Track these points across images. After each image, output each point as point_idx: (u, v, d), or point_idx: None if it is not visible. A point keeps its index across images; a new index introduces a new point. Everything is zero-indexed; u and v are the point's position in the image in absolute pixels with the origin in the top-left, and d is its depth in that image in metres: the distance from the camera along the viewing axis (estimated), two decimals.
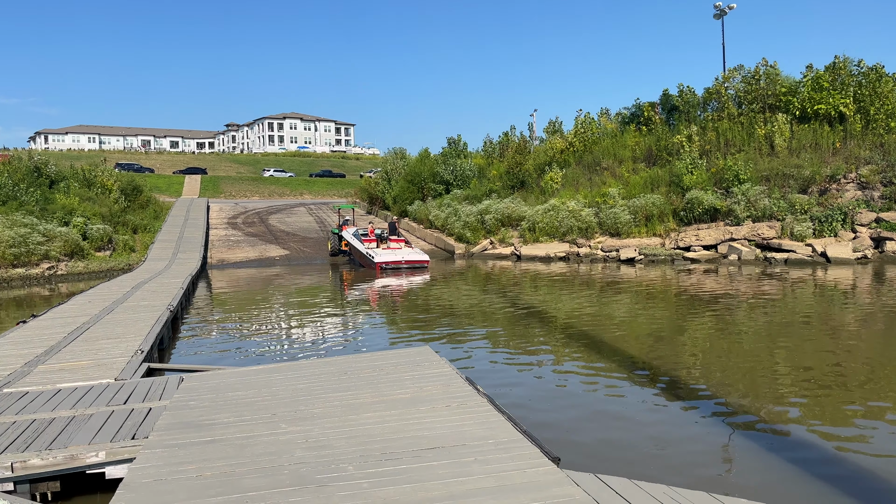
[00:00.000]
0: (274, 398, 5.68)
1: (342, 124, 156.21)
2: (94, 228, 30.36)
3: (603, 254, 28.30)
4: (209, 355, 10.43)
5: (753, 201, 26.35)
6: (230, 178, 78.82)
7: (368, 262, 26.86)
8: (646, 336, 12.19)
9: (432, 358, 6.91)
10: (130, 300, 14.39)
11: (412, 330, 13.14)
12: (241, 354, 10.44)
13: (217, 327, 13.55)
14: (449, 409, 5.04)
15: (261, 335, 12.37)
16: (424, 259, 27.04)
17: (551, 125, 43.45)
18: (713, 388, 8.33)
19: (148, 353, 8.45)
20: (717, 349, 10.97)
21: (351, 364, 6.91)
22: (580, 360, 10.10)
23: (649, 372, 9.28)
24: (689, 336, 12.22)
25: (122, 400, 5.92)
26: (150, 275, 22.24)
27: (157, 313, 11.89)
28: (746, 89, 32.06)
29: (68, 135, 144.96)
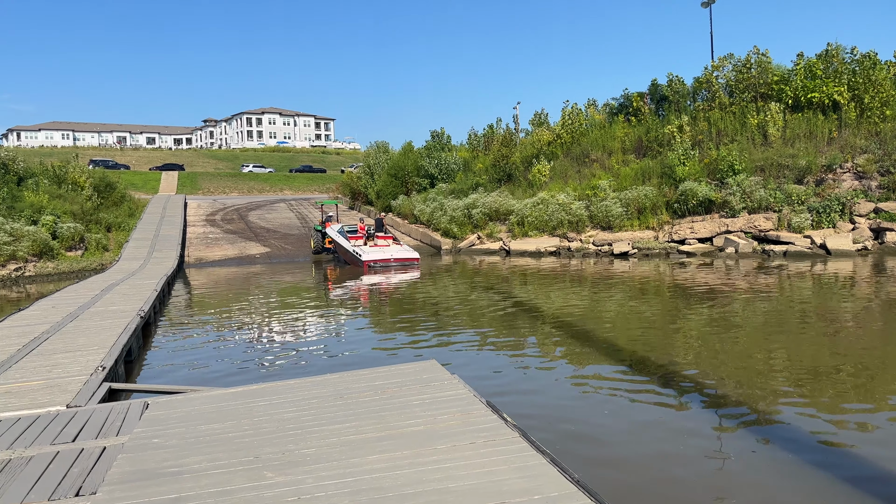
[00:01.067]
0: (256, 433, 4.67)
1: (322, 119, 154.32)
2: (65, 227, 28.99)
3: (595, 248, 27.47)
4: (182, 369, 9.34)
5: (749, 192, 25.64)
6: (208, 175, 77.12)
7: (355, 261, 25.69)
8: (667, 336, 11.32)
9: (441, 375, 5.94)
10: (99, 304, 13.25)
11: (406, 333, 12.16)
12: (218, 368, 9.36)
13: (193, 334, 12.45)
14: (474, 447, 4.08)
15: (241, 344, 11.29)
16: (414, 256, 25.94)
17: (537, 117, 42.53)
18: (738, 394, 7.48)
19: (111, 370, 7.39)
20: (731, 350, 10.12)
21: (347, 384, 5.91)
22: (580, 362, 9.20)
23: (676, 377, 8.40)
24: (704, 333, 11.37)
25: (72, 435, 4.89)
26: (123, 275, 21.03)
27: (127, 320, 10.80)
28: (738, 78, 31.36)
29: (41, 131, 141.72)
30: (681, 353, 10.00)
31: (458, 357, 10.03)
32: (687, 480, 5.38)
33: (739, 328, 11.84)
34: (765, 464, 5.66)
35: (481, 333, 12.08)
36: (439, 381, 5.69)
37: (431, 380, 5.76)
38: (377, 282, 21.73)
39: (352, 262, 26.00)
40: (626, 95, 36.69)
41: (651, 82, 35.69)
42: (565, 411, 7.06)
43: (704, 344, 10.72)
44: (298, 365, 9.46)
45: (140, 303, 13.16)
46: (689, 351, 10.24)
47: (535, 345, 11.03)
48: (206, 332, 12.56)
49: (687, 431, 6.47)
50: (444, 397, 5.20)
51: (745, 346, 10.39)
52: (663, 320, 13.07)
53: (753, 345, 10.44)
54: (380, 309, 16.22)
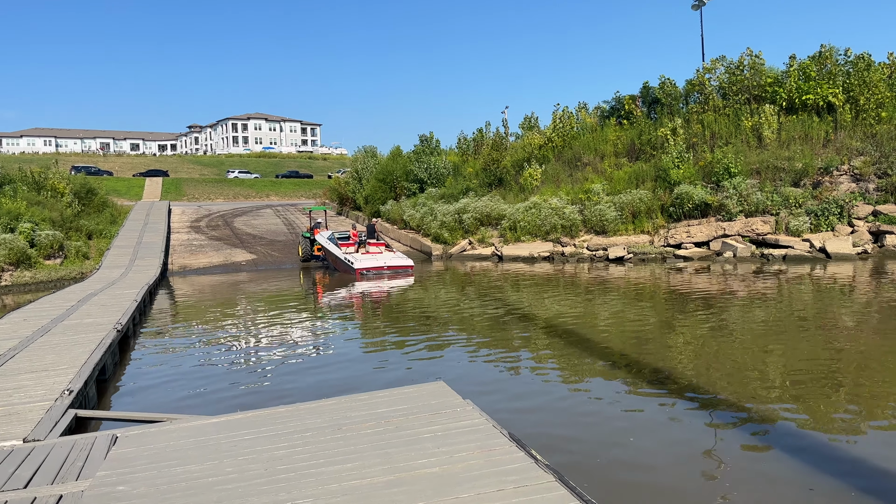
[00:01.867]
0: (241, 476, 3.96)
1: (308, 124, 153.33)
2: (43, 235, 28.01)
3: (589, 253, 26.90)
4: (161, 389, 8.54)
5: (746, 195, 25.19)
6: (193, 181, 76.08)
7: (346, 268, 24.79)
8: (674, 344, 10.70)
9: (452, 400, 5.25)
10: (73, 317, 12.46)
11: (403, 346, 11.47)
12: (200, 389, 8.54)
13: (174, 349, 11.66)
14: (503, 495, 3.41)
15: (225, 361, 10.47)
16: (408, 264, 25.00)
17: (527, 120, 41.94)
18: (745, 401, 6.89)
19: (79, 394, 6.65)
20: (729, 356, 9.52)
21: (345, 412, 5.21)
22: (584, 375, 8.57)
23: (686, 388, 7.78)
24: (710, 342, 10.76)
25: (25, 479, 4.17)
26: (102, 285, 20.18)
27: (102, 334, 10.04)
28: (731, 80, 30.98)
29: (23, 138, 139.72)
30: (711, 369, 9.39)
31: (461, 371, 9.37)
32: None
33: (737, 334, 11.59)
34: (761, 472, 5.64)
35: (480, 344, 11.42)
36: (451, 408, 5.01)
37: (441, 406, 5.09)
38: (368, 289, 21.01)
39: (343, 269, 25.18)
40: (618, 98, 36.24)
41: (642, 85, 35.29)
42: (580, 431, 6.44)
43: (723, 354, 10.12)
44: (289, 385, 8.71)
45: (118, 314, 12.38)
46: (717, 364, 9.64)
47: (537, 357, 10.38)
48: (188, 347, 11.78)
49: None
50: (459, 428, 4.53)
51: (743, 352, 10.14)
52: (672, 327, 12.47)
53: (751, 351, 10.18)
54: (373, 319, 15.50)
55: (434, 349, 11.06)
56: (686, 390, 8.06)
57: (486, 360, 10.25)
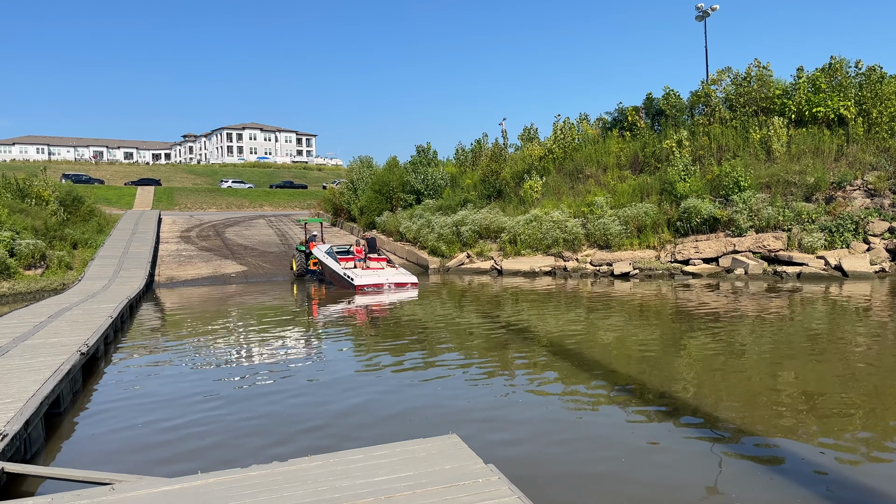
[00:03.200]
0: None
1: (303, 135, 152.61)
2: (24, 244, 26.85)
3: (593, 268, 25.90)
4: (118, 436, 7.26)
5: (756, 210, 24.26)
6: (186, 190, 75.05)
7: (345, 284, 23.49)
8: (681, 365, 9.66)
9: (472, 466, 4.16)
10: (38, 335, 11.34)
11: (402, 370, 10.40)
12: (167, 434, 7.21)
13: (145, 376, 10.48)
14: None
15: (201, 391, 9.20)
16: (412, 281, 23.58)
17: (526, 132, 41.08)
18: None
19: (14, 439, 5.56)
20: (736, 377, 8.49)
21: (335, 479, 4.11)
22: (600, 407, 7.53)
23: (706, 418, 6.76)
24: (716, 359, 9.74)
25: None
26: (81, 297, 19.05)
27: (62, 358, 8.93)
28: (738, 91, 30.16)
29: (15, 145, 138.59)
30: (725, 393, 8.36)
31: (469, 403, 8.31)
32: None
33: (747, 355, 11.09)
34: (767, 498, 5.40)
35: (485, 369, 10.36)
36: (470, 478, 3.94)
37: (458, 474, 4.01)
38: (365, 304, 19.89)
39: (342, 285, 23.86)
40: (621, 110, 35.39)
41: (646, 96, 34.44)
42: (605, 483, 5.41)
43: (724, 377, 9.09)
44: (271, 426, 7.55)
45: (87, 333, 11.27)
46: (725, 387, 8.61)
47: (541, 384, 9.33)
48: (162, 373, 10.58)
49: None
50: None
51: (752, 374, 9.69)
52: (681, 347, 11.43)
53: (760, 373, 9.75)
54: (370, 339, 14.37)
55: (437, 376, 10.00)
56: (691, 415, 7.70)
57: (491, 389, 9.20)
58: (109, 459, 6.58)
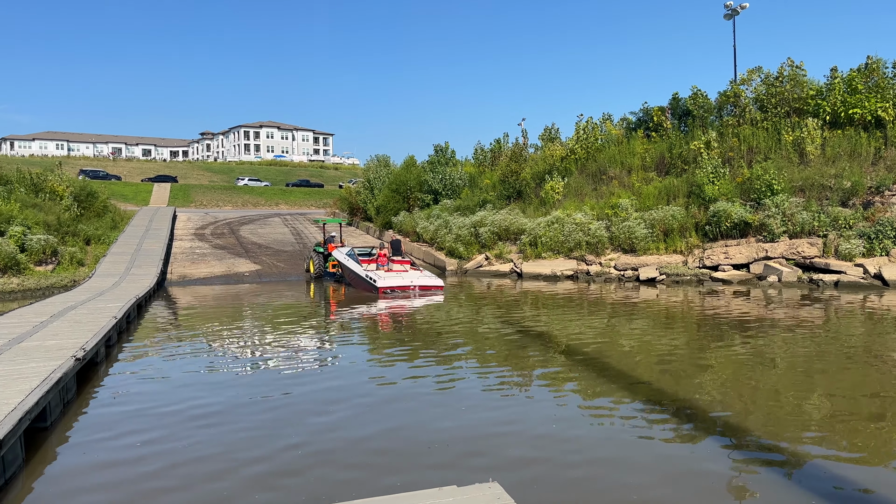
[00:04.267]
0: None
1: (321, 134, 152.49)
2: (35, 239, 26.36)
3: (617, 272, 24.98)
4: (111, 458, 6.45)
5: (789, 215, 23.22)
6: (202, 187, 74.84)
7: (367, 287, 22.40)
8: (709, 374, 8.79)
9: None
10: (36, 337, 10.66)
11: (424, 384, 9.60)
12: (159, 463, 6.35)
13: (144, 386, 9.60)
14: None
15: (202, 408, 8.17)
16: (438, 284, 22.25)
17: (547, 131, 40.26)
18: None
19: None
20: (764, 388, 7.59)
21: None
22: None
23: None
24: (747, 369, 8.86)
25: None
26: (88, 295, 18.44)
27: (55, 364, 8.23)
28: (769, 92, 29.08)
29: (35, 141, 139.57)
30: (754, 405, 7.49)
31: (500, 427, 7.50)
32: None
33: (776, 366, 10.57)
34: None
35: (515, 383, 9.54)
36: None
37: None
38: (384, 308, 19.09)
39: (363, 288, 22.83)
40: (646, 110, 34.43)
41: (672, 96, 33.45)
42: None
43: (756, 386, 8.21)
44: (279, 460, 6.56)
45: (87, 336, 10.57)
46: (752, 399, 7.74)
47: (586, 398, 8.49)
48: (164, 384, 9.68)
49: None
50: None
51: (781, 386, 9.28)
52: (711, 356, 10.54)
53: (790, 386, 9.33)
54: (388, 353, 13.55)
55: (466, 397, 9.18)
56: (717, 427, 7.42)
57: (527, 413, 8.39)
58: (95, 486, 5.84)
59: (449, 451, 6.74)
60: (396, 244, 24.69)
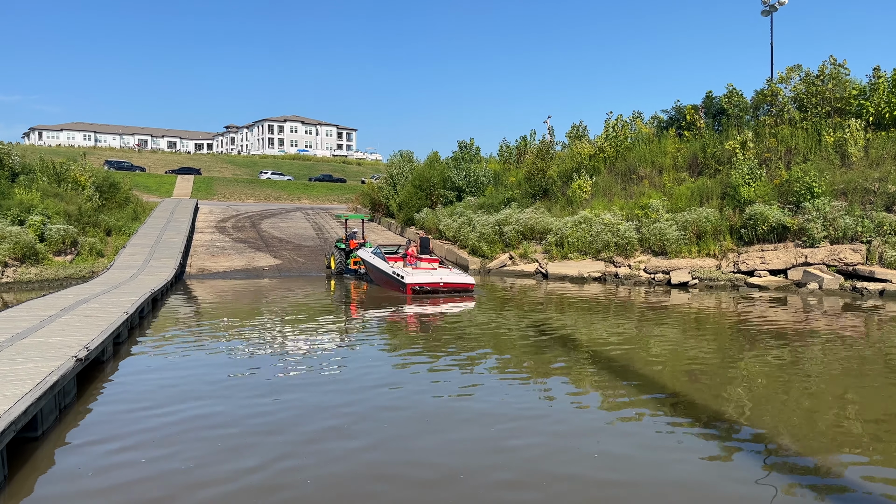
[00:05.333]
0: None
1: (344, 129, 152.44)
2: (55, 229, 26.10)
3: (647, 275, 24.09)
4: (105, 479, 5.74)
5: (831, 219, 22.17)
6: (225, 180, 74.82)
7: (394, 285, 21.34)
8: (742, 385, 7.98)
9: None
10: (41, 333, 10.13)
11: (451, 398, 8.91)
12: (166, 487, 5.64)
13: (152, 389, 8.82)
14: None
15: (217, 418, 7.48)
16: (469, 282, 20.96)
17: (574, 129, 39.35)
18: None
19: None
20: (799, 401, 6.77)
21: None
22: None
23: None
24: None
25: None
26: (104, 287, 18.01)
27: (53, 365, 7.65)
28: (809, 91, 27.93)
29: (63, 131, 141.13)
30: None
31: (558, 481, 6.78)
32: None
33: (812, 377, 10.00)
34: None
35: (547, 397, 8.81)
36: None
37: None
38: (407, 308, 18.41)
39: (390, 286, 21.79)
40: (678, 108, 33.38)
41: (705, 94, 32.35)
42: None
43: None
44: (298, 488, 5.79)
45: (93, 333, 10.02)
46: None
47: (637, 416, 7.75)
48: (172, 388, 8.79)
49: None
50: None
51: (816, 398, 8.79)
52: (745, 365, 9.71)
53: (825, 398, 8.82)
54: (411, 357, 12.90)
55: (484, 403, 8.47)
56: (744, 438, 7.08)
57: (578, 447, 7.66)
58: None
59: (474, 471, 6.05)
60: (425, 242, 23.79)
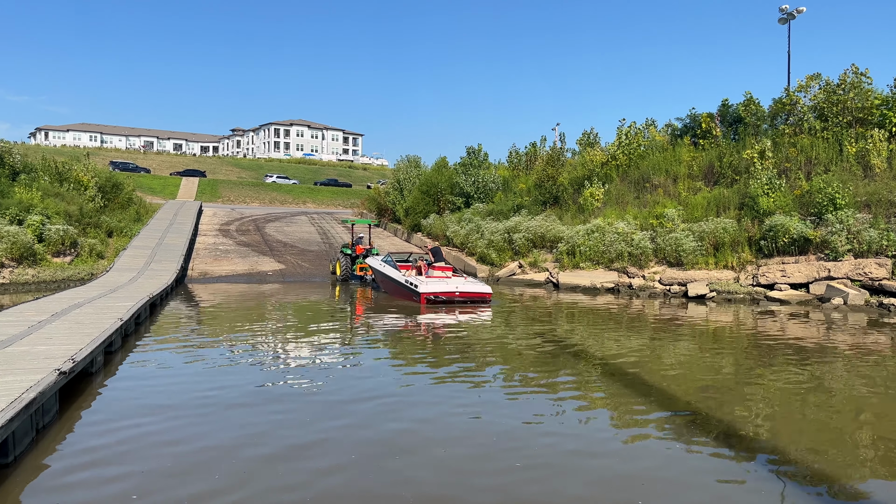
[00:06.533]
0: None
1: (350, 134, 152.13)
2: (54, 229, 25.43)
3: (662, 287, 23.31)
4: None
5: (855, 232, 21.39)
6: (230, 183, 74.34)
7: (406, 294, 20.40)
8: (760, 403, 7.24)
9: None
10: (26, 341, 9.42)
11: (467, 424, 8.17)
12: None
13: (142, 406, 7.89)
14: None
15: (208, 440, 6.76)
16: (486, 291, 20.10)
17: (585, 136, 38.67)
18: None
19: None
20: (818, 419, 6.01)
21: None
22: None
23: None
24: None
25: None
26: (101, 291, 17.33)
27: (33, 379, 6.94)
28: (830, 100, 27.17)
29: (69, 132, 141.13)
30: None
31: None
32: None
33: (833, 396, 9.55)
34: None
35: (558, 416, 8.06)
36: None
37: None
38: (415, 317, 17.68)
39: (402, 296, 20.78)
40: (693, 116, 32.65)
41: (721, 102, 31.65)
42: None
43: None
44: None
45: (84, 341, 9.31)
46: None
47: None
48: (164, 406, 7.96)
49: None
50: None
51: (835, 417, 8.38)
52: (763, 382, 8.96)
53: (845, 417, 8.43)
54: (415, 367, 12.15)
55: (494, 420, 7.74)
56: (757, 457, 6.81)
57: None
58: None
59: (474, 491, 5.36)
60: (437, 251, 22.76)
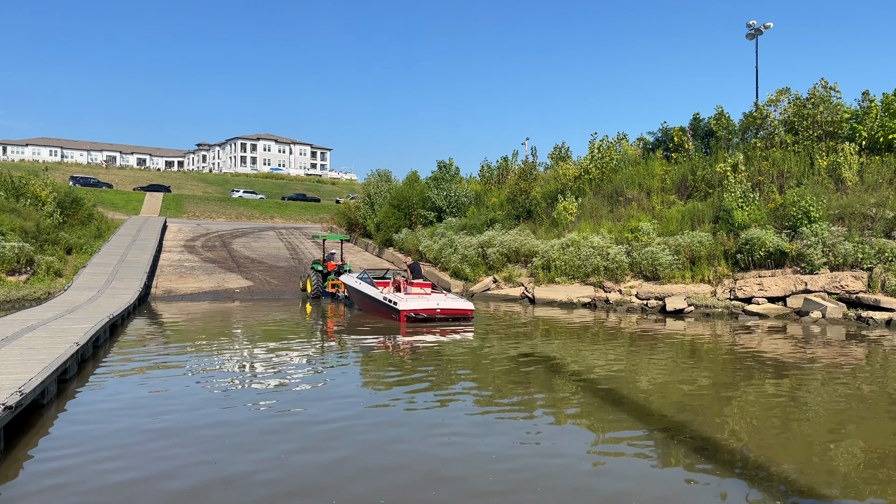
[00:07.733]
0: None
1: (318, 148, 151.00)
2: (8, 247, 24.28)
3: (640, 302, 23.03)
4: None
5: (830, 245, 21.38)
6: (196, 198, 72.81)
7: (384, 312, 19.67)
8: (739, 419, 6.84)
9: None
10: None
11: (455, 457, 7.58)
12: None
13: (92, 446, 7.07)
14: None
15: (167, 485, 6.28)
16: (467, 308, 19.57)
17: (557, 150, 38.54)
18: None
19: None
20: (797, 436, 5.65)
21: None
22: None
23: None
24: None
25: None
26: (57, 312, 16.37)
27: None
28: (799, 114, 27.37)
29: (28, 147, 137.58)
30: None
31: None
32: None
33: (811, 411, 9.57)
34: None
35: (537, 433, 7.54)
36: None
37: None
38: (388, 333, 17.04)
39: (380, 314, 20.05)
40: (665, 130, 32.71)
41: (693, 116, 31.73)
42: None
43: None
44: None
45: (34, 370, 8.53)
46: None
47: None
48: (118, 447, 7.14)
49: None
50: None
51: (814, 433, 8.43)
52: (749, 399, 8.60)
53: (823, 432, 8.46)
54: (387, 384, 11.55)
55: (474, 438, 7.18)
56: (735, 473, 6.84)
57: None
58: None
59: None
60: (416, 267, 22.10)
